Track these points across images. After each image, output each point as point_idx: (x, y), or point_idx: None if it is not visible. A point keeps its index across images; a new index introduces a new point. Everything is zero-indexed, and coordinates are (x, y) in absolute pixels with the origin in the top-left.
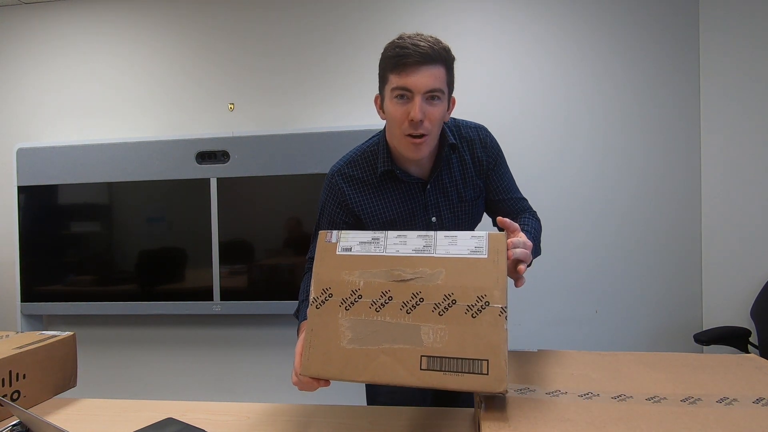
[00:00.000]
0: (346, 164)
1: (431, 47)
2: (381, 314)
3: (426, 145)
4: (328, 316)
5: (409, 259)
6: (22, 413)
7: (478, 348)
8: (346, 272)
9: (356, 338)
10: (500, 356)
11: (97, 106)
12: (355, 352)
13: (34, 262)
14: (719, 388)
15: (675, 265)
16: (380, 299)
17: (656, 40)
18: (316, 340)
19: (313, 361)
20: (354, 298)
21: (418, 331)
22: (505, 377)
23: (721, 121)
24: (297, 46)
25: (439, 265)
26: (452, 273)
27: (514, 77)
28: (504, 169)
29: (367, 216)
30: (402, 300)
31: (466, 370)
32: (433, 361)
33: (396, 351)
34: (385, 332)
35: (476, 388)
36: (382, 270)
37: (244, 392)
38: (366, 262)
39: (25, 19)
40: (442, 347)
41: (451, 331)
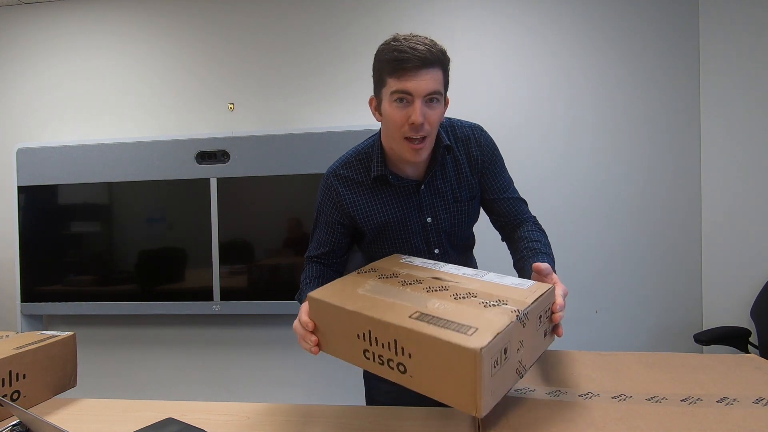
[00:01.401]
0: (341, 165)
1: (429, 50)
2: (404, 287)
3: (425, 148)
4: (361, 277)
5: (455, 275)
6: (22, 413)
7: (474, 320)
8: (397, 267)
9: (371, 290)
10: (491, 328)
11: (97, 106)
12: (364, 296)
13: (34, 262)
14: (719, 388)
15: (675, 265)
16: (410, 282)
17: (656, 40)
18: (339, 282)
19: (325, 290)
20: (390, 275)
21: (427, 300)
22: (485, 341)
23: (721, 121)
24: (297, 45)
25: (477, 282)
26: (486, 287)
27: (513, 77)
28: (500, 168)
29: (362, 217)
30: (428, 285)
31: (451, 328)
32: (426, 317)
33: (397, 305)
34: (398, 295)
35: (452, 339)
36: (427, 272)
37: (244, 392)
38: (419, 268)
39: (25, 19)
40: (441, 313)
41: (457, 307)
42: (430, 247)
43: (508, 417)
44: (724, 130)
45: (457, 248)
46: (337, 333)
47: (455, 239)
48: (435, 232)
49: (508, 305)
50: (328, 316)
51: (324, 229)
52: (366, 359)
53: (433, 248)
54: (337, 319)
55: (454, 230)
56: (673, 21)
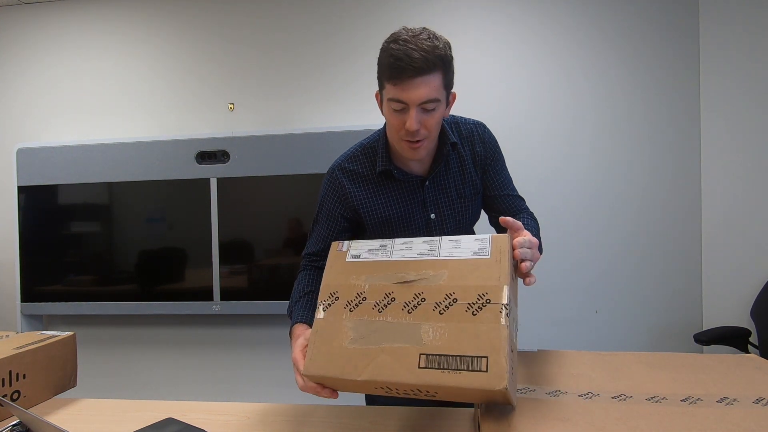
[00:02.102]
0: (346, 159)
1: (425, 57)
2: (383, 315)
3: (423, 148)
4: (333, 318)
5: (414, 263)
6: (22, 413)
7: (477, 346)
8: (353, 277)
9: (358, 338)
10: (500, 353)
11: (97, 106)
12: (356, 351)
13: (34, 262)
14: (719, 388)
15: (675, 265)
16: (383, 300)
17: (656, 40)
18: (319, 341)
19: (316, 360)
20: (358, 300)
21: (418, 329)
22: (505, 374)
23: (721, 121)
24: (297, 45)
25: (442, 267)
26: (455, 274)
27: (513, 77)
28: (501, 166)
29: (366, 211)
30: (404, 300)
31: (464, 367)
32: (432, 359)
33: (395, 350)
34: (385, 332)
35: (475, 385)
36: (387, 273)
37: (244, 392)
38: (373, 267)
39: (25, 19)
40: (441, 345)
41: (450, 329)
42: None
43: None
44: (724, 130)
45: None
46: (349, 387)
47: None
48: (438, 229)
49: (491, 302)
50: (332, 383)
51: (325, 223)
52: (387, 396)
53: None
54: (345, 386)
55: (457, 227)
56: (673, 21)
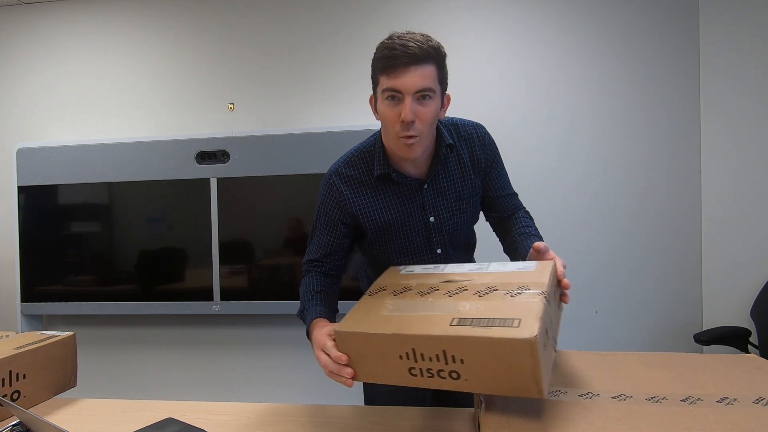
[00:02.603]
0: (343, 165)
1: (420, 47)
2: (424, 297)
3: (419, 145)
4: (376, 299)
5: (463, 274)
6: (22, 413)
7: (511, 312)
8: (403, 279)
9: (396, 309)
10: (533, 315)
11: (97, 106)
12: (392, 316)
13: (34, 262)
14: (719, 388)
15: (675, 265)
16: (427, 290)
17: (656, 40)
18: (359, 308)
19: (349, 320)
20: (403, 289)
21: (455, 304)
22: (536, 329)
23: (721, 121)
24: (297, 45)
25: (488, 275)
26: (499, 278)
27: (513, 76)
28: (501, 167)
29: (365, 216)
30: (447, 290)
31: (495, 325)
32: (464, 320)
33: (429, 315)
34: (423, 305)
35: (504, 335)
36: (435, 278)
37: (244, 392)
38: (423, 276)
39: (25, 19)
40: (476, 313)
41: (487, 305)
42: (432, 247)
43: (508, 417)
44: (724, 130)
45: (458, 248)
46: (374, 359)
47: (457, 238)
48: (438, 232)
49: (530, 290)
50: (361, 345)
51: (325, 230)
52: (412, 376)
53: (435, 248)
54: (373, 346)
55: (456, 229)
56: (673, 21)
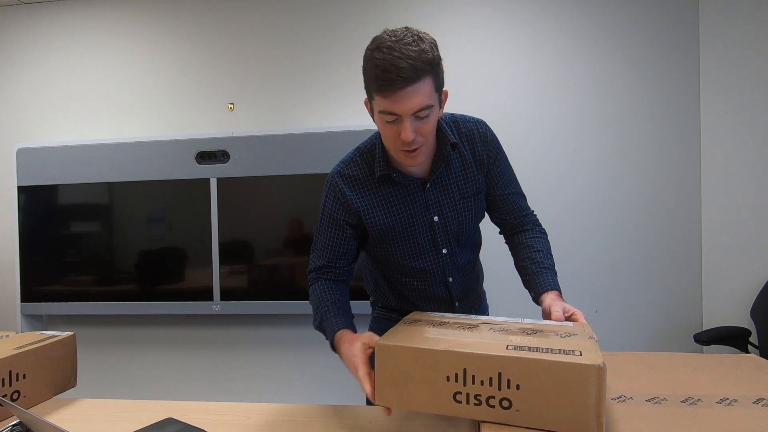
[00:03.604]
0: (344, 165)
1: (413, 66)
2: (466, 331)
3: (421, 154)
4: (414, 326)
5: (497, 321)
6: (22, 413)
7: (569, 345)
8: (437, 318)
9: (440, 334)
10: (593, 349)
11: (96, 106)
12: (437, 338)
13: (34, 262)
14: (719, 388)
15: (675, 265)
16: (468, 326)
17: (656, 41)
18: (399, 330)
19: (393, 337)
20: (440, 323)
21: (505, 338)
22: (601, 359)
23: (721, 121)
24: (297, 46)
25: (527, 323)
26: (541, 325)
27: (511, 78)
28: (505, 164)
29: (368, 217)
30: (489, 327)
31: (557, 352)
32: (520, 347)
33: (482, 342)
34: (470, 335)
35: (570, 360)
36: (472, 321)
37: (244, 392)
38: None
39: (25, 19)
40: (534, 344)
41: (538, 340)
42: (437, 247)
43: None
44: (724, 130)
45: (464, 247)
46: (417, 380)
47: (463, 237)
48: (442, 231)
49: (578, 335)
50: (406, 361)
51: (330, 232)
52: (456, 403)
53: (440, 248)
54: (419, 364)
55: (461, 228)
56: (673, 21)
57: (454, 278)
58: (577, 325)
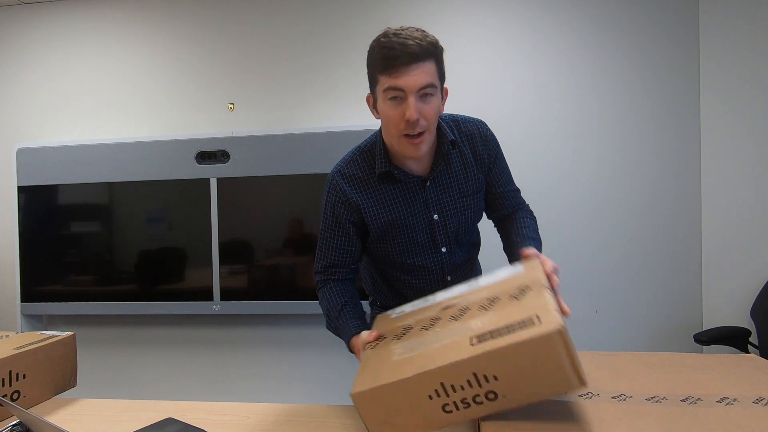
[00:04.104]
0: (345, 164)
1: (419, 44)
2: (430, 330)
3: (424, 143)
4: (380, 350)
5: (458, 296)
6: (22, 413)
7: (525, 312)
8: (399, 322)
9: (405, 351)
10: (549, 308)
11: (97, 106)
12: (404, 360)
13: (34, 262)
14: (719, 388)
15: (675, 265)
16: (429, 323)
17: (656, 41)
18: (367, 364)
19: (363, 378)
20: (403, 331)
21: (466, 325)
22: (560, 320)
23: (721, 121)
24: (297, 46)
25: (484, 289)
26: (492, 288)
27: (511, 79)
28: (503, 163)
29: (369, 214)
30: (450, 315)
31: (516, 329)
32: (484, 336)
33: (445, 344)
34: (433, 338)
35: (531, 335)
36: (434, 309)
37: (244, 392)
38: (417, 312)
39: (25, 19)
40: (491, 325)
41: (498, 314)
42: (436, 245)
43: (508, 417)
44: (724, 130)
45: (463, 246)
46: (403, 410)
47: (461, 236)
48: (442, 230)
49: (532, 289)
50: (385, 400)
51: (334, 232)
52: (447, 413)
53: (440, 246)
54: (398, 397)
55: (460, 227)
56: (672, 22)
57: (452, 277)
58: (527, 267)
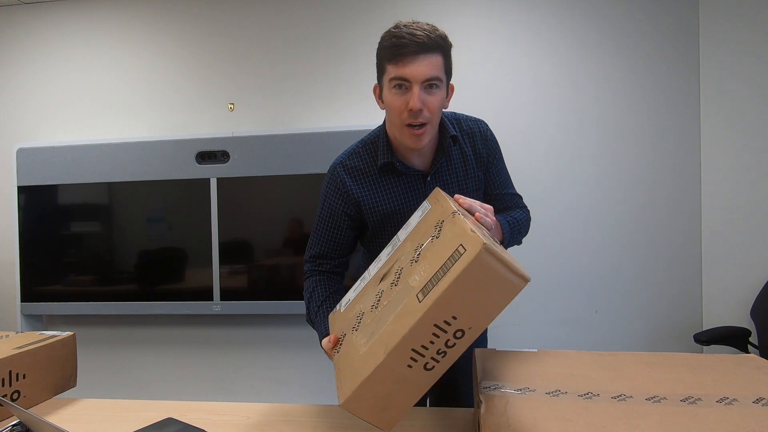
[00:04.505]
0: (347, 156)
1: (428, 35)
2: (379, 307)
3: (426, 134)
4: (346, 348)
5: (387, 263)
6: (22, 413)
7: (449, 246)
8: (349, 313)
9: (369, 338)
10: (465, 231)
11: (97, 106)
12: (372, 346)
13: (34, 262)
14: (719, 388)
15: (675, 265)
16: (375, 299)
17: (656, 42)
18: (342, 371)
19: (344, 384)
20: (356, 320)
21: (407, 285)
22: (480, 237)
23: (721, 120)
24: (297, 46)
25: (404, 243)
26: (414, 236)
27: (511, 79)
28: (501, 164)
29: (367, 206)
30: (390, 282)
31: (450, 266)
32: (426, 287)
33: (399, 313)
34: (386, 312)
35: (463, 265)
36: (372, 287)
37: (244, 392)
38: (361, 294)
39: (25, 19)
40: (427, 274)
41: (428, 261)
42: None
43: (508, 417)
44: (724, 130)
45: None
46: (392, 393)
47: None
48: None
49: (445, 221)
50: (371, 393)
51: (328, 222)
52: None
53: None
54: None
55: None
56: (672, 21)
57: None
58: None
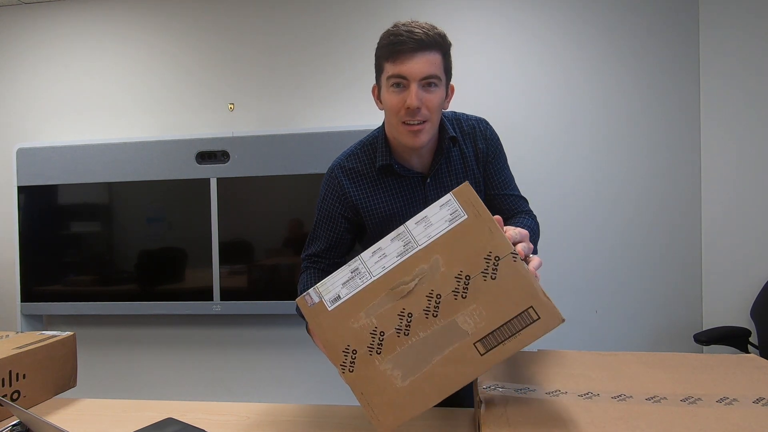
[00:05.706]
0: (345, 158)
1: (426, 33)
2: (412, 335)
3: (425, 132)
4: (366, 371)
5: (400, 267)
6: (22, 413)
7: (516, 302)
8: (352, 321)
9: (407, 373)
10: (539, 295)
11: (97, 106)
12: (414, 383)
13: (34, 262)
14: (719, 388)
15: (675, 265)
16: (401, 322)
17: (656, 40)
18: (373, 398)
19: (382, 415)
20: (378, 340)
21: (455, 325)
22: (555, 308)
23: (721, 120)
24: (297, 45)
25: (431, 253)
26: (447, 252)
27: (510, 76)
28: (503, 164)
29: (366, 209)
30: (422, 309)
31: (519, 327)
32: (488, 340)
33: (449, 356)
34: (427, 348)
35: (539, 334)
36: (382, 295)
37: (244, 392)
38: (362, 299)
39: (25, 19)
40: (486, 324)
41: (483, 305)
42: None
43: (508, 417)
44: (724, 130)
45: None
46: None
47: None
48: None
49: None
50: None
51: (326, 224)
52: None
53: None
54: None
55: None
56: (673, 21)
57: None
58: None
